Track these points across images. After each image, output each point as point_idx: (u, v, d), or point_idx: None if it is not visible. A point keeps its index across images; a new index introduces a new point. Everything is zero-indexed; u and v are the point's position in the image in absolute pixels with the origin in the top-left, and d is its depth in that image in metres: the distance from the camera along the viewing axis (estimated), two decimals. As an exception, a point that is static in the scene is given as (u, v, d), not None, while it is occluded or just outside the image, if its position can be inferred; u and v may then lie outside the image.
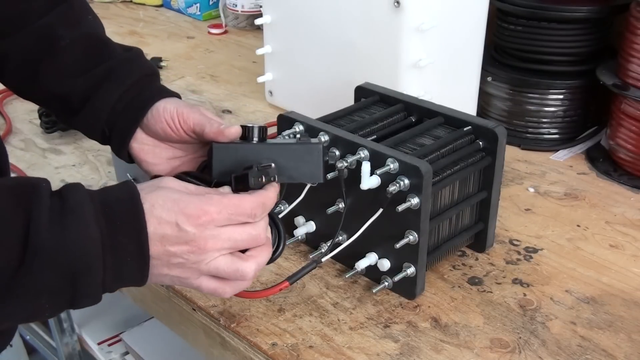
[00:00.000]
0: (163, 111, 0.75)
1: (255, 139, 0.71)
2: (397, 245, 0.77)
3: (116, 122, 0.76)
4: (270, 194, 0.65)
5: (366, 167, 0.76)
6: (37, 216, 0.54)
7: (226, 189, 0.66)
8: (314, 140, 0.72)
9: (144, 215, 0.58)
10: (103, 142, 0.79)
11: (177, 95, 0.79)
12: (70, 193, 0.57)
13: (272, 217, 0.68)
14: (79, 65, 0.77)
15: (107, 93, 0.76)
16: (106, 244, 0.56)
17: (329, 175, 0.80)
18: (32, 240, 0.54)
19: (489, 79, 1.20)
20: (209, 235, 0.60)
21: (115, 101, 0.76)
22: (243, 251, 0.64)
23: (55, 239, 0.54)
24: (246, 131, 0.71)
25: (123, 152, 0.78)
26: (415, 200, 0.75)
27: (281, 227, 0.69)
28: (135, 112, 0.76)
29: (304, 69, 1.20)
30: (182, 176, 0.68)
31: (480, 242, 0.89)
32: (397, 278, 0.79)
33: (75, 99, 0.77)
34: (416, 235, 0.77)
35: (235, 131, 0.71)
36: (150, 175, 0.77)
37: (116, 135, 0.77)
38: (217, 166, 0.70)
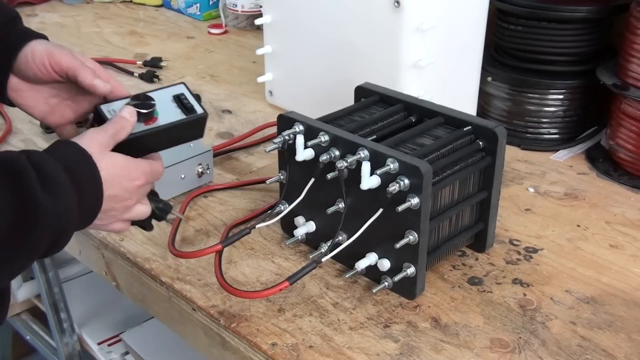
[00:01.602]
0: (32, 57, 0.76)
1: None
2: (397, 245, 0.77)
3: None
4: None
5: (366, 167, 0.76)
6: (30, 184, 0.60)
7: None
8: (198, 110, 0.78)
9: (101, 177, 0.67)
10: None
11: (45, 37, 0.80)
12: (41, 163, 0.63)
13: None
14: None
15: None
16: (79, 204, 0.64)
17: (329, 176, 0.80)
18: (33, 205, 0.60)
19: (489, 79, 1.20)
20: (140, 193, 0.73)
21: None
22: None
23: (51, 204, 0.61)
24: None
25: (2, 98, 0.79)
26: (415, 200, 0.75)
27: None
28: (6, 59, 0.77)
29: (304, 69, 1.20)
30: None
31: (480, 242, 0.89)
32: (397, 278, 0.79)
33: None
34: (416, 235, 0.77)
35: (105, 88, 0.76)
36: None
37: None
38: None
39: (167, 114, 0.76)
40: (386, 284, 0.81)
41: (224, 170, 1.10)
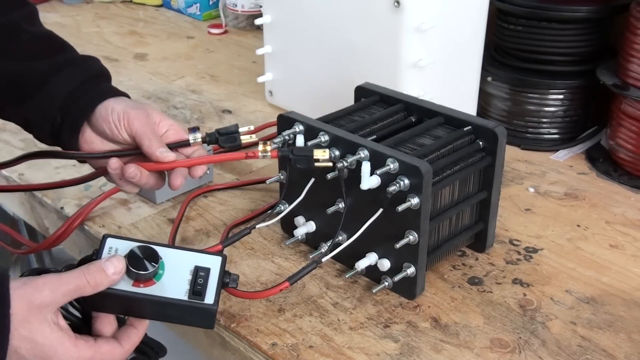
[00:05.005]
0: (111, 112, 0.76)
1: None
2: (397, 245, 0.77)
3: (70, 108, 0.76)
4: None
5: (366, 167, 0.76)
6: None
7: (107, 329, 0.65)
8: (208, 298, 0.65)
9: (7, 348, 0.58)
10: (52, 134, 0.78)
11: (127, 95, 0.80)
12: None
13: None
14: (40, 53, 0.78)
15: (68, 77, 0.76)
16: None
17: (329, 176, 0.80)
18: None
19: (489, 79, 1.20)
20: None
21: (74, 87, 0.76)
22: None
23: None
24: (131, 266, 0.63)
25: (74, 139, 0.77)
26: (415, 200, 0.75)
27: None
28: (91, 101, 0.76)
29: (304, 69, 1.20)
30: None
31: (480, 242, 0.89)
32: (397, 278, 0.79)
33: (31, 81, 0.77)
34: (416, 235, 0.77)
35: (167, 159, 0.73)
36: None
37: (69, 122, 0.76)
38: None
39: (171, 284, 0.64)
40: (386, 284, 0.81)
41: (224, 170, 1.10)
